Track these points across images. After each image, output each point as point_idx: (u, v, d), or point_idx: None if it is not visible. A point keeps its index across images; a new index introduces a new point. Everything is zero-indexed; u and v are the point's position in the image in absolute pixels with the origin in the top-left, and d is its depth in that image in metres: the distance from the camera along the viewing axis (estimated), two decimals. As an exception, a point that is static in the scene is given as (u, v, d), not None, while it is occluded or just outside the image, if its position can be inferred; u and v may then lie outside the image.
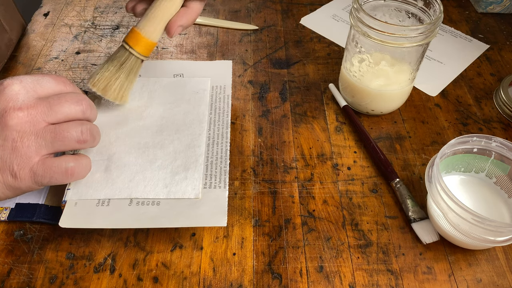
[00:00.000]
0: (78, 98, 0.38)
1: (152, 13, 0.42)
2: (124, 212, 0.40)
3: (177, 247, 0.41)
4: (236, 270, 0.40)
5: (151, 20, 0.42)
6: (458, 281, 0.40)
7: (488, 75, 0.59)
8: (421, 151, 0.50)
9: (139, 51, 0.43)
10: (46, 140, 0.36)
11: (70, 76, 0.57)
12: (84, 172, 0.40)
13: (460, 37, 0.65)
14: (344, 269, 0.40)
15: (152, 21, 0.42)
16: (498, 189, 0.44)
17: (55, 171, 0.37)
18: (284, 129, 0.51)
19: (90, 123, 0.39)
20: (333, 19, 0.67)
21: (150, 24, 0.42)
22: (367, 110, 0.52)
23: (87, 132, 0.38)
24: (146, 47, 0.43)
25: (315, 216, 0.44)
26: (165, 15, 0.42)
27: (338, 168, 0.48)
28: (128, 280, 0.39)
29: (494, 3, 0.67)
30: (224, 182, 0.42)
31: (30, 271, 0.39)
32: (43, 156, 0.37)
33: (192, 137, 0.46)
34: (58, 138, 0.37)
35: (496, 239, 0.38)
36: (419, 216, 0.43)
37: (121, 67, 0.44)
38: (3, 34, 0.58)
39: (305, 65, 0.59)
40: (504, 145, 0.42)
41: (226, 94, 0.51)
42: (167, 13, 0.42)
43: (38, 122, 0.36)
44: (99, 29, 0.64)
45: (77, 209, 0.40)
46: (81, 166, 0.39)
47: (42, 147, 0.36)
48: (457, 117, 0.53)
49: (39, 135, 0.36)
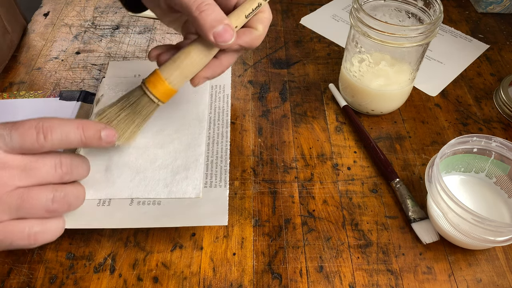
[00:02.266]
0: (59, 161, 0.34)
1: (186, 68, 0.38)
2: (125, 212, 0.40)
3: (177, 247, 0.41)
4: (236, 270, 0.40)
5: (183, 74, 0.38)
6: (458, 281, 0.40)
7: (488, 75, 0.59)
8: (421, 151, 0.50)
9: (160, 97, 0.39)
10: (11, 206, 0.32)
11: (70, 76, 0.57)
12: (52, 236, 0.34)
13: (460, 37, 0.65)
14: (344, 269, 0.40)
15: (184, 75, 0.38)
16: (498, 189, 0.44)
17: (17, 237, 0.32)
18: (284, 129, 0.51)
19: (68, 188, 0.35)
20: (333, 19, 0.67)
21: (182, 77, 0.38)
22: (367, 110, 0.52)
23: (60, 200, 0.34)
24: (168, 94, 0.39)
25: (315, 216, 0.44)
26: (196, 69, 0.38)
27: (338, 168, 0.48)
28: (128, 280, 0.39)
29: (494, 3, 0.67)
30: (225, 181, 0.42)
31: (30, 271, 0.39)
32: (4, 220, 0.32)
33: (192, 136, 0.46)
34: (24, 206, 0.32)
35: (496, 239, 0.38)
36: (419, 216, 0.43)
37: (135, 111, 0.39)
38: (5, 35, 0.58)
39: (305, 65, 0.59)
40: (504, 145, 0.42)
41: (226, 94, 0.51)
42: (199, 68, 0.38)
43: (6, 185, 0.32)
44: (99, 29, 0.64)
45: (78, 209, 0.40)
46: (48, 231, 0.34)
47: (4, 212, 0.32)
48: (457, 117, 0.53)
49: (3, 200, 0.31)
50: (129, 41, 0.62)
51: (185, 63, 0.38)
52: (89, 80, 0.56)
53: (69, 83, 0.56)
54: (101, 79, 0.53)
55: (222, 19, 0.35)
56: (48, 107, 0.51)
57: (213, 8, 0.35)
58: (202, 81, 0.39)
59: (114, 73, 0.53)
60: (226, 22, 0.35)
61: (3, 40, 0.57)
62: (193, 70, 0.38)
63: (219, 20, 0.35)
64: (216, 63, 0.39)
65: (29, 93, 0.53)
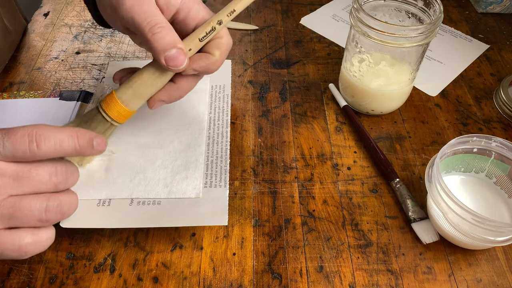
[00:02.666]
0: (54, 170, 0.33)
1: (139, 90, 0.38)
2: (125, 212, 0.40)
3: (177, 247, 0.41)
4: (236, 270, 0.40)
5: (137, 96, 0.38)
6: (458, 281, 0.40)
7: (488, 75, 0.59)
8: (421, 151, 0.50)
9: (122, 122, 0.39)
10: (3, 215, 0.31)
11: (70, 76, 0.57)
12: (43, 247, 0.33)
13: (460, 37, 0.65)
14: (344, 269, 0.40)
15: (138, 97, 0.38)
16: (498, 189, 0.44)
17: (7, 248, 0.31)
18: (284, 129, 0.51)
19: (61, 196, 0.34)
20: (333, 19, 0.67)
21: (136, 99, 0.38)
22: (367, 110, 0.52)
23: (54, 210, 0.33)
24: (124, 115, 0.39)
25: (315, 216, 0.44)
26: (153, 92, 0.38)
27: (338, 168, 0.48)
28: (128, 280, 0.39)
29: (494, 3, 0.67)
30: (225, 181, 0.42)
31: (30, 271, 0.39)
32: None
33: (192, 136, 0.46)
34: (17, 215, 0.31)
35: (496, 239, 0.38)
36: (419, 216, 0.43)
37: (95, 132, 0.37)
38: (6, 36, 0.58)
39: (305, 65, 0.59)
40: (504, 145, 0.42)
41: (226, 94, 0.51)
42: (155, 90, 0.38)
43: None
44: (99, 29, 0.64)
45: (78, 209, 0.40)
46: (39, 242, 0.33)
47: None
48: (457, 117, 0.53)
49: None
50: (129, 41, 0.62)
51: (137, 84, 0.37)
52: (89, 80, 0.56)
53: (69, 83, 0.56)
54: (101, 79, 0.53)
55: (175, 43, 0.35)
56: (48, 107, 0.51)
57: (166, 31, 0.35)
58: (158, 104, 0.39)
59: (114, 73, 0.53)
60: (179, 46, 0.35)
61: (3, 40, 0.57)
62: (146, 91, 0.38)
63: (171, 43, 0.35)
64: (173, 87, 0.38)
65: (29, 93, 0.53)
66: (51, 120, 0.49)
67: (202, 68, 0.37)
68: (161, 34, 0.34)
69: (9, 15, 0.59)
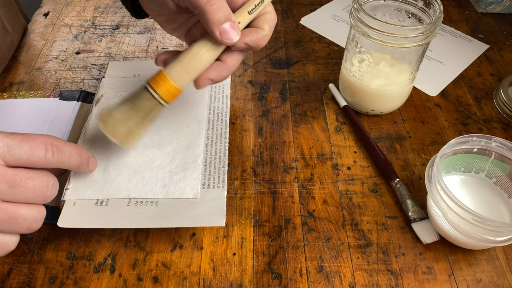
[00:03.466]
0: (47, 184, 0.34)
1: (189, 64, 0.38)
2: (122, 212, 0.40)
3: (177, 247, 0.41)
4: (236, 270, 0.40)
5: (187, 71, 0.38)
6: (458, 281, 0.40)
7: (488, 75, 0.59)
8: (421, 151, 0.50)
9: (165, 97, 0.38)
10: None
11: (70, 76, 0.57)
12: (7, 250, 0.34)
13: (460, 37, 0.65)
14: (344, 269, 0.40)
15: (188, 72, 0.38)
16: (498, 189, 0.44)
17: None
18: (284, 129, 0.51)
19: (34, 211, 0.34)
20: (333, 19, 0.67)
21: (186, 75, 0.38)
22: (367, 110, 0.52)
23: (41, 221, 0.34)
24: (172, 93, 0.38)
25: (315, 216, 0.44)
26: (202, 68, 0.38)
27: (338, 168, 0.48)
28: (128, 280, 0.39)
29: (494, 3, 0.67)
30: (223, 182, 0.42)
31: (30, 271, 0.39)
32: None
33: (191, 137, 0.46)
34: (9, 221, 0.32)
35: (496, 239, 0.38)
36: (419, 216, 0.43)
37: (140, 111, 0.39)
38: (6, 36, 0.58)
39: (305, 65, 0.59)
40: (504, 145, 0.42)
41: (225, 94, 0.51)
42: (205, 66, 0.38)
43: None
44: (99, 29, 0.64)
45: (75, 209, 0.40)
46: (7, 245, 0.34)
47: None
48: (457, 117, 0.53)
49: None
50: (129, 41, 0.62)
51: (186, 58, 0.38)
52: (89, 80, 0.56)
53: (69, 83, 0.56)
54: (101, 79, 0.53)
55: (230, 16, 0.35)
56: (48, 107, 0.51)
57: (222, 3, 0.35)
58: (207, 83, 0.39)
59: (114, 73, 0.53)
60: (233, 19, 0.35)
61: (3, 40, 0.57)
62: (195, 66, 0.38)
63: (226, 16, 0.35)
64: (222, 65, 0.39)
65: (29, 93, 0.53)
66: (51, 120, 0.49)
67: (252, 42, 0.37)
68: (217, 6, 0.35)
69: (8, 15, 0.59)
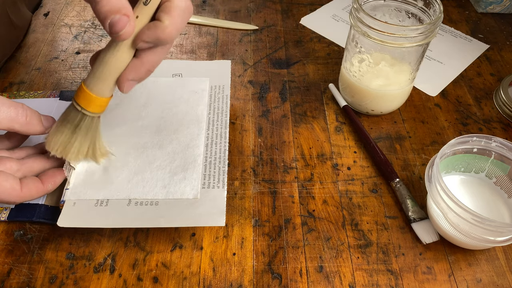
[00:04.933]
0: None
1: (99, 70, 0.37)
2: (122, 213, 0.40)
3: (177, 247, 0.41)
4: (236, 270, 0.40)
5: (99, 78, 0.37)
6: (458, 281, 0.40)
7: (488, 75, 0.59)
8: (421, 151, 0.50)
9: (92, 110, 0.38)
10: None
11: (70, 76, 0.57)
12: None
13: (460, 37, 0.65)
14: (344, 269, 0.40)
15: (100, 79, 0.37)
16: (498, 189, 0.44)
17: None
18: (284, 129, 0.51)
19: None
20: (333, 19, 0.67)
21: (99, 81, 0.37)
22: (367, 110, 0.52)
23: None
24: (99, 104, 0.38)
25: (315, 216, 0.44)
26: (113, 71, 0.36)
27: (338, 168, 0.48)
28: (128, 280, 0.39)
29: (494, 3, 0.67)
30: (223, 182, 0.42)
31: (30, 271, 0.39)
32: None
33: (191, 137, 0.46)
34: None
35: (496, 239, 0.38)
36: (419, 216, 0.43)
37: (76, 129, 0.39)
38: (11, 31, 0.58)
39: (305, 65, 0.59)
40: (504, 145, 0.42)
41: (225, 94, 0.51)
42: (115, 69, 0.36)
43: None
44: (99, 29, 0.64)
45: (75, 209, 0.40)
46: None
47: None
48: (457, 117, 0.53)
49: None
50: (129, 41, 0.62)
51: (96, 65, 0.36)
52: (89, 80, 0.56)
53: (69, 83, 0.56)
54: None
55: (121, 9, 0.32)
56: (48, 107, 0.51)
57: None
58: (128, 85, 0.37)
59: None
60: (124, 12, 0.32)
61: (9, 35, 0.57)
62: (106, 71, 0.36)
63: (117, 9, 0.32)
64: (137, 63, 0.36)
65: (29, 93, 0.53)
66: (51, 120, 0.49)
67: (151, 38, 0.34)
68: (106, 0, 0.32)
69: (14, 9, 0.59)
